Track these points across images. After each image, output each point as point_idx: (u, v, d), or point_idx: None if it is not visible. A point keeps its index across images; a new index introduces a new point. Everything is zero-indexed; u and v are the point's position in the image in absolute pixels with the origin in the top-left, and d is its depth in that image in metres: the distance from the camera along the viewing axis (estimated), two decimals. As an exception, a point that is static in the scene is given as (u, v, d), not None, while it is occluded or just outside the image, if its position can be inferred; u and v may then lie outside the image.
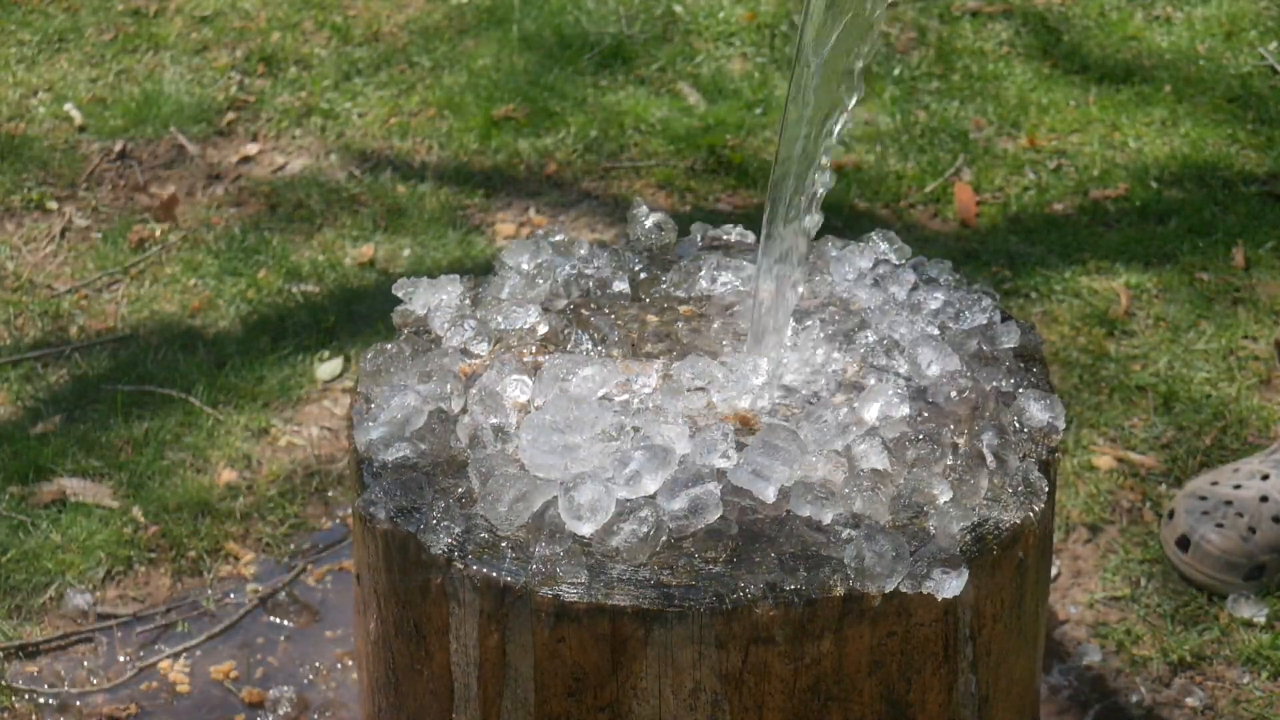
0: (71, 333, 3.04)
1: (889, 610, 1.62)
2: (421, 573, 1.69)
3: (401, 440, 1.74)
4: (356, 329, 3.02)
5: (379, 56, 3.83)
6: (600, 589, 1.61)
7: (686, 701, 1.63)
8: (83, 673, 2.42)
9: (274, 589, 2.54)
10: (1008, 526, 1.68)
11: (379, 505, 1.71)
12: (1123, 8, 3.86)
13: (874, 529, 1.62)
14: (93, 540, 2.59)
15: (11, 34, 3.91)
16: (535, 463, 1.68)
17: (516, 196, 3.39)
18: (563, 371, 1.78)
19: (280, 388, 2.89)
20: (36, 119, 3.62)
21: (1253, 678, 2.35)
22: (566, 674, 1.64)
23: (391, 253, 3.22)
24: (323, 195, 3.39)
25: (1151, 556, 2.53)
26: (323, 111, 3.65)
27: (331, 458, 2.76)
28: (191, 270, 3.19)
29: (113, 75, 3.77)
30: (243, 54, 3.84)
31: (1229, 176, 3.33)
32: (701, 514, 1.64)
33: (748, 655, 1.61)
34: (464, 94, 3.67)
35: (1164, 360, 2.89)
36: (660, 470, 1.65)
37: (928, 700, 1.69)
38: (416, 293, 1.98)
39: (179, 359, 2.95)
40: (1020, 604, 1.74)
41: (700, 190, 3.39)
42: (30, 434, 2.80)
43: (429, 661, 1.73)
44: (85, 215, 3.36)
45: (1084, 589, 2.49)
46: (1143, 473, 2.68)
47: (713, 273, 1.98)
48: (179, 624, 2.50)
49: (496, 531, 1.67)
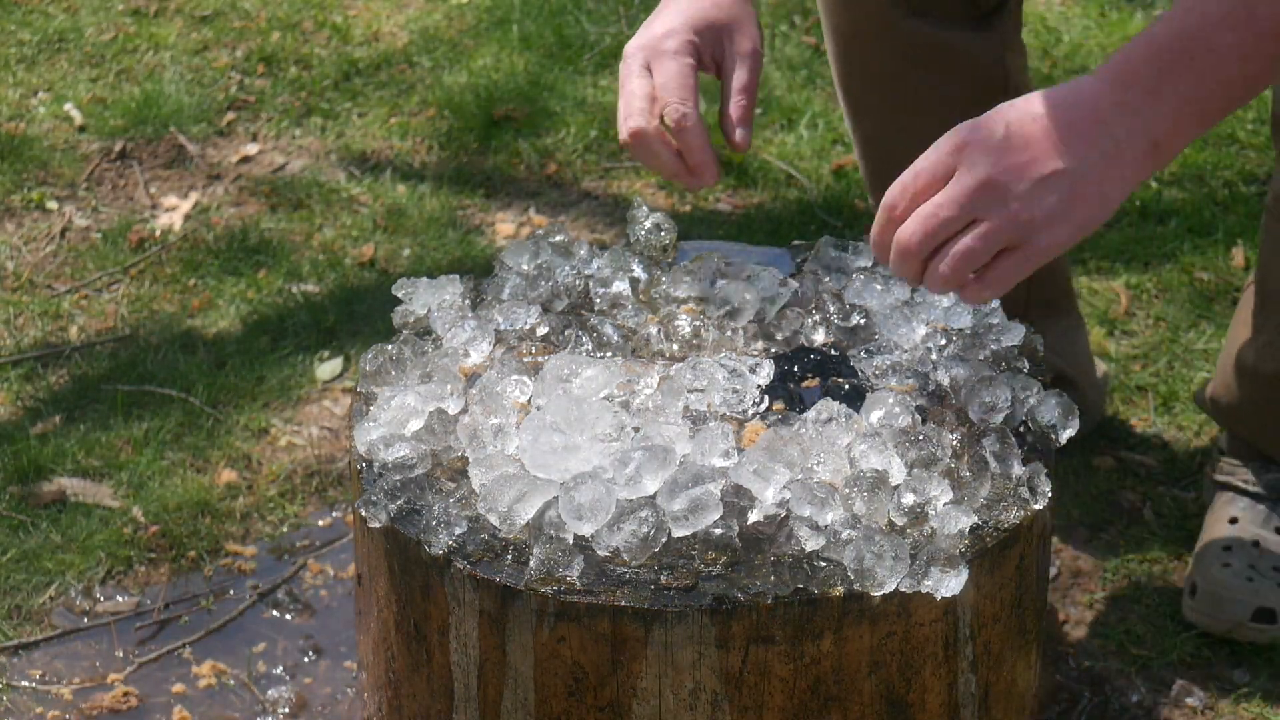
0: (71, 333, 3.04)
1: (889, 610, 1.62)
2: (421, 573, 1.69)
3: (402, 440, 1.74)
4: (356, 329, 3.02)
5: (379, 56, 3.83)
6: (600, 589, 1.61)
7: (686, 701, 1.63)
8: (82, 670, 2.42)
9: (273, 586, 2.54)
10: (1008, 526, 1.68)
11: (379, 505, 1.71)
12: (1123, 8, 3.86)
13: (874, 530, 1.62)
14: (93, 540, 2.59)
15: (11, 34, 3.90)
16: (535, 463, 1.68)
17: (516, 196, 3.39)
18: (564, 372, 1.78)
19: (280, 388, 2.89)
20: (36, 119, 3.62)
21: (1253, 678, 2.35)
22: (566, 674, 1.64)
23: (391, 253, 3.22)
24: (323, 195, 3.39)
25: (1151, 556, 2.53)
26: (323, 111, 3.65)
27: (331, 458, 2.76)
28: (191, 270, 3.19)
29: (113, 75, 3.77)
30: (243, 54, 3.84)
31: (1229, 176, 3.33)
32: (701, 514, 1.64)
33: (748, 655, 1.61)
34: (464, 94, 3.67)
35: (1164, 360, 2.89)
36: (661, 470, 1.65)
37: (928, 700, 1.69)
38: (416, 293, 1.98)
39: (179, 359, 2.95)
40: (1020, 604, 1.75)
41: (700, 190, 3.39)
42: (30, 434, 2.80)
43: (429, 661, 1.73)
44: (85, 215, 3.35)
45: (1084, 589, 2.49)
46: (1143, 473, 2.68)
47: (713, 273, 1.98)
48: (180, 619, 2.50)
49: (497, 531, 1.67)
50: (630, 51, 1.93)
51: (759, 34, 1.96)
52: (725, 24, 1.94)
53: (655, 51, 1.91)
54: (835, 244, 2.02)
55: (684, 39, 1.91)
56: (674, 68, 1.90)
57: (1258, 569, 2.37)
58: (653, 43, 1.92)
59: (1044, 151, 1.60)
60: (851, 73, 2.44)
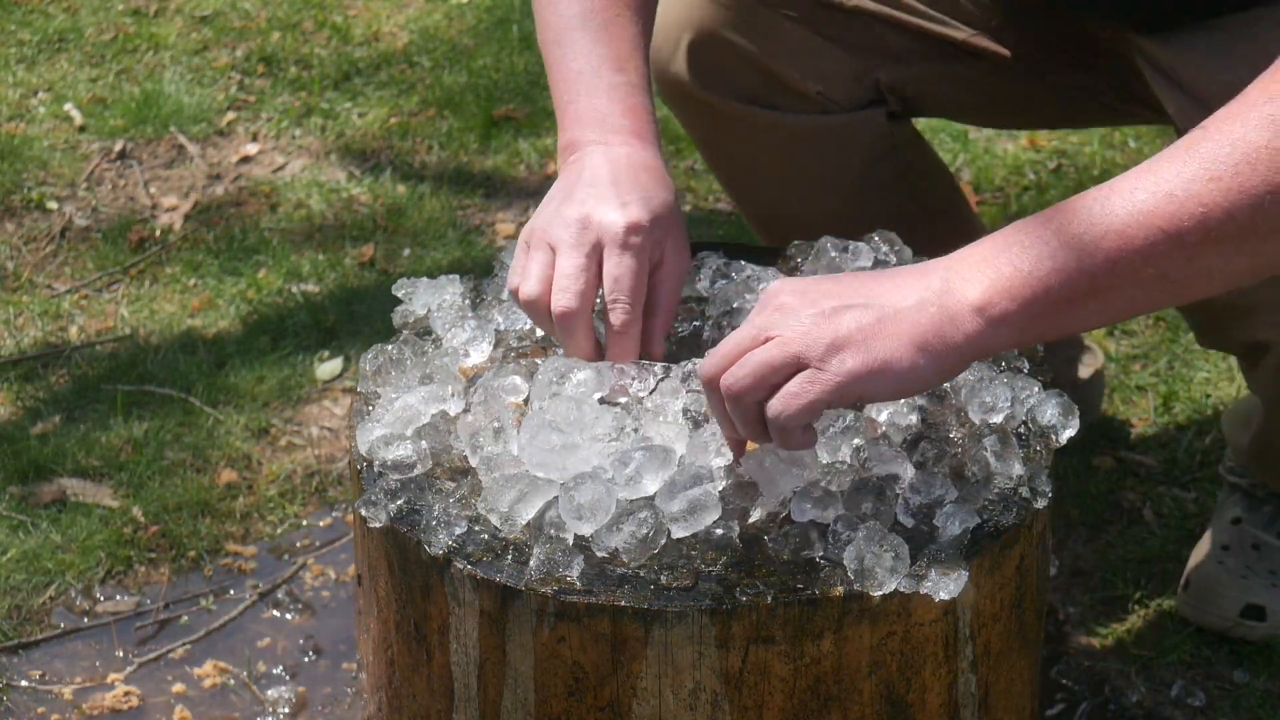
0: (71, 333, 3.04)
1: (889, 610, 1.62)
2: (421, 573, 1.69)
3: (402, 440, 1.74)
4: (356, 329, 3.02)
5: (379, 56, 3.83)
6: (600, 589, 1.61)
7: (686, 701, 1.63)
8: (82, 670, 2.42)
9: (273, 586, 2.54)
10: (1008, 527, 1.68)
11: (379, 506, 1.71)
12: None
13: (874, 530, 1.62)
14: (93, 540, 2.59)
15: (11, 34, 3.91)
16: (535, 462, 1.68)
17: (516, 196, 3.39)
18: (556, 375, 1.77)
19: (280, 388, 2.89)
20: (36, 119, 3.62)
21: (1253, 678, 2.35)
22: (566, 674, 1.64)
23: (391, 253, 3.23)
24: (323, 195, 3.39)
25: (1151, 556, 2.53)
26: (323, 111, 3.65)
27: (331, 458, 2.76)
28: (191, 270, 3.19)
29: (113, 75, 3.77)
30: (243, 54, 3.84)
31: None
32: (700, 515, 1.64)
33: (748, 655, 1.61)
34: (464, 94, 3.67)
35: (1164, 360, 2.89)
36: (661, 470, 1.65)
37: (928, 700, 1.70)
38: (416, 293, 1.98)
39: (179, 359, 2.95)
40: (1020, 604, 1.75)
41: (700, 190, 3.39)
42: (30, 434, 2.80)
43: (429, 661, 1.73)
44: (85, 215, 3.36)
45: (1084, 589, 2.49)
46: (1143, 473, 2.68)
47: (713, 274, 1.98)
48: (180, 619, 2.50)
49: (497, 532, 1.67)
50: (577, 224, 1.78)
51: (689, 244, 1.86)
52: (670, 224, 1.82)
53: (618, 241, 1.77)
54: (836, 244, 2.02)
55: (651, 237, 1.78)
56: (633, 267, 1.77)
57: (1253, 569, 2.37)
58: (617, 230, 1.77)
59: (848, 288, 1.58)
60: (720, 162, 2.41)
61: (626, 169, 1.81)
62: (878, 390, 1.56)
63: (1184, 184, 1.48)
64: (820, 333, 1.55)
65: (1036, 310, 1.53)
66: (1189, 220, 1.48)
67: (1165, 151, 1.52)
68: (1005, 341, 1.55)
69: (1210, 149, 1.49)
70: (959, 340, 1.54)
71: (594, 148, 1.84)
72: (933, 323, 1.54)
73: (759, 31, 2.21)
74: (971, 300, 1.54)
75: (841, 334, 1.55)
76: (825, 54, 2.21)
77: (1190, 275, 1.51)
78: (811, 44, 2.20)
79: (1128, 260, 1.50)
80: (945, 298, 1.55)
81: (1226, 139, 1.48)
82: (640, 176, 1.81)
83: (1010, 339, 1.55)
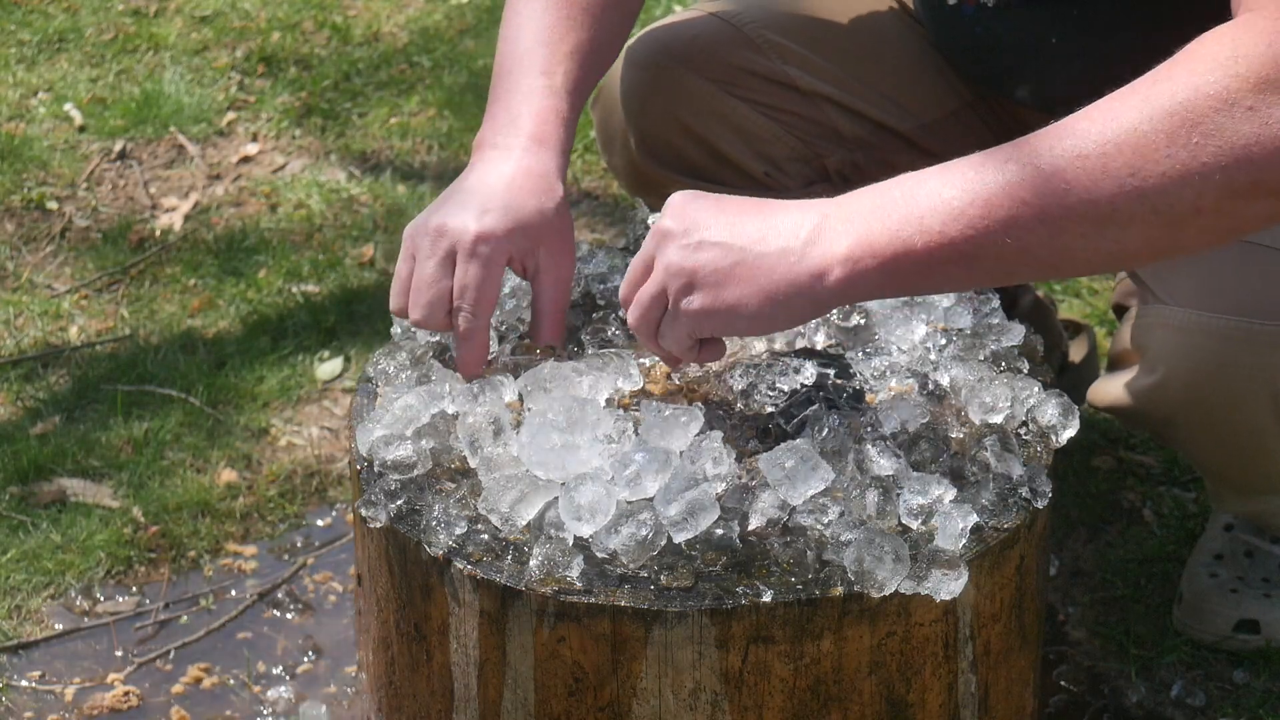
0: (71, 333, 3.04)
1: (889, 610, 1.62)
2: (421, 573, 1.69)
3: (403, 441, 1.74)
4: (356, 329, 3.02)
5: (379, 56, 3.83)
6: (600, 589, 1.61)
7: (686, 702, 1.63)
8: (83, 670, 2.42)
9: (273, 586, 2.54)
10: (1008, 527, 1.68)
11: (379, 506, 1.71)
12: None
13: (874, 531, 1.62)
14: (92, 540, 2.59)
15: (11, 34, 3.91)
16: (534, 460, 1.68)
17: (516, 196, 3.39)
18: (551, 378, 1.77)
19: (280, 388, 2.89)
20: (36, 119, 3.62)
21: (1253, 678, 2.35)
22: (566, 674, 1.64)
23: (391, 253, 3.23)
24: (323, 195, 3.39)
25: (1151, 556, 2.53)
26: (323, 111, 3.65)
27: (331, 458, 2.76)
28: (191, 270, 3.19)
29: (113, 75, 3.77)
30: (243, 54, 3.84)
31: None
32: (699, 516, 1.64)
33: (748, 655, 1.61)
34: (464, 94, 3.67)
35: (1164, 360, 2.89)
36: (661, 472, 1.65)
37: (928, 700, 1.70)
38: (407, 323, 1.98)
39: (179, 359, 2.95)
40: (1020, 604, 1.75)
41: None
42: (30, 434, 2.80)
43: (429, 661, 1.73)
44: (85, 215, 3.36)
45: (1084, 589, 2.49)
46: (1142, 473, 2.68)
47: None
48: (180, 619, 2.50)
49: (497, 532, 1.67)
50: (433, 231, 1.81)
51: (573, 248, 1.88)
52: (543, 232, 1.84)
53: (467, 250, 1.80)
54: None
55: (502, 247, 1.81)
56: (478, 275, 1.80)
57: (1245, 580, 2.36)
58: (466, 239, 1.80)
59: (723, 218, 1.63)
60: None
61: (508, 177, 1.85)
62: (727, 329, 1.64)
63: (1052, 159, 1.50)
64: (681, 266, 1.63)
65: (896, 268, 1.56)
66: (1051, 196, 1.50)
67: (1047, 128, 1.54)
68: (863, 295, 1.60)
69: (1085, 127, 1.50)
70: (816, 290, 1.59)
71: (492, 153, 1.88)
72: (789, 273, 1.59)
73: (710, 113, 2.24)
74: (838, 253, 1.57)
75: (697, 273, 1.62)
76: (776, 140, 2.26)
77: (1052, 253, 1.52)
78: (763, 129, 2.25)
79: (990, 230, 1.52)
80: (811, 247, 1.58)
81: (1100, 118, 1.50)
82: (522, 185, 1.84)
83: (868, 293, 1.60)
